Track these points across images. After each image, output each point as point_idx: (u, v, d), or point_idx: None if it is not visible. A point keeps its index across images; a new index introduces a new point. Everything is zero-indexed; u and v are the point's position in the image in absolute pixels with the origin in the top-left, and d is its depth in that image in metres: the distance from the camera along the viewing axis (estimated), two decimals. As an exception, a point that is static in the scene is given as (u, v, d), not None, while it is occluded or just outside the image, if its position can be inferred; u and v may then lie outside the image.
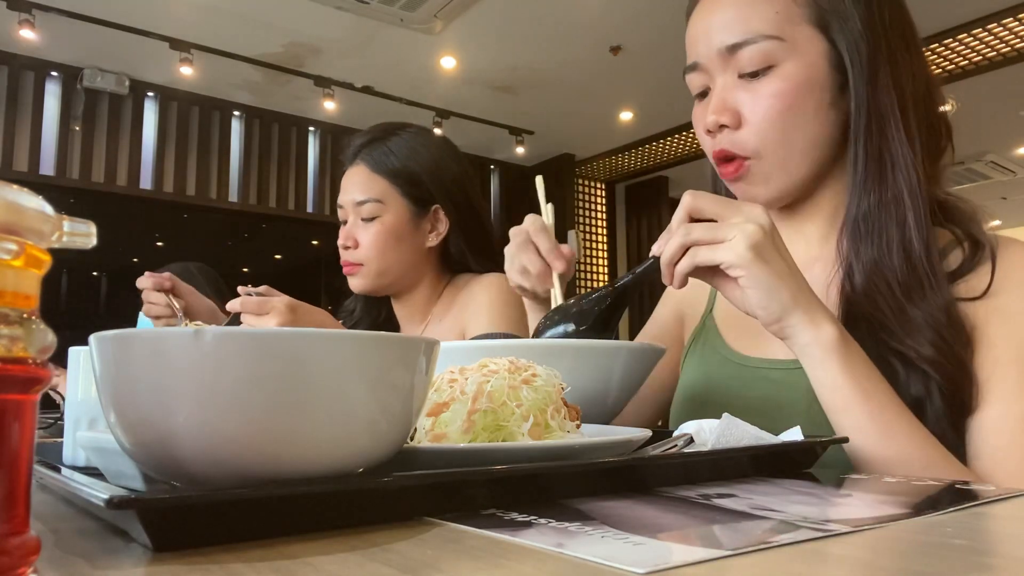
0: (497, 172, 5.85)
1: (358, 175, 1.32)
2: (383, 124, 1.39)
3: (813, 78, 0.75)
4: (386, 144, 1.32)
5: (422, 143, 1.35)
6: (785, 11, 0.75)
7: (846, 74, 0.75)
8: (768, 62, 0.75)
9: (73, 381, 0.59)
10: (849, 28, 0.75)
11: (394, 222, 1.30)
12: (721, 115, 0.77)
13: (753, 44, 0.74)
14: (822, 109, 0.76)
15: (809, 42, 0.75)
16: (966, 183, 5.97)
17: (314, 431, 0.35)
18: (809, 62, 0.75)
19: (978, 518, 0.39)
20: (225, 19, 3.65)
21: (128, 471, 0.44)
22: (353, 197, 1.31)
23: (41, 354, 0.25)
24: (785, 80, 0.74)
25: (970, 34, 3.69)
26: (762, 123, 0.75)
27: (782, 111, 0.75)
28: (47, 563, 0.29)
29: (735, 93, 0.77)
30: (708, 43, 0.78)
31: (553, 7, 3.52)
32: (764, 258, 0.61)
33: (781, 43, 0.74)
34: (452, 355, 0.64)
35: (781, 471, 0.55)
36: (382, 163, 1.31)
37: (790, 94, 0.74)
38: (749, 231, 0.61)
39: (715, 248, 0.62)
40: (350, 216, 1.32)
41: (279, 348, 0.34)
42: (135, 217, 4.40)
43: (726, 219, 0.62)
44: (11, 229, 0.24)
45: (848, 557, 0.30)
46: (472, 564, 0.29)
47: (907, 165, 0.73)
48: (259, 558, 0.30)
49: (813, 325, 0.62)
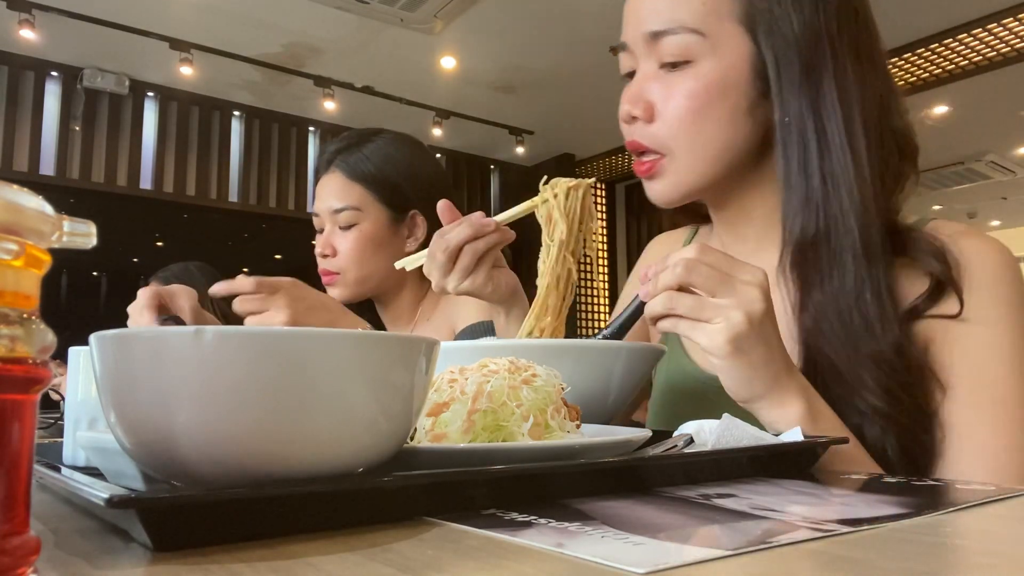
0: (497, 172, 5.85)
1: (334, 182, 1.30)
2: (357, 130, 1.37)
3: (730, 81, 0.71)
4: (361, 150, 1.30)
5: (397, 148, 1.33)
6: (713, 4, 0.71)
7: (768, 81, 0.71)
8: (686, 56, 0.71)
9: (73, 381, 0.59)
10: (780, 33, 0.70)
11: (372, 229, 1.29)
12: (635, 106, 0.75)
13: (674, 35, 0.71)
14: (738, 114, 0.72)
15: (732, 41, 0.71)
16: (966, 183, 5.98)
17: (314, 431, 0.35)
18: (728, 64, 0.71)
19: (978, 518, 0.39)
20: (225, 19, 3.65)
21: (128, 471, 0.44)
22: (330, 205, 1.29)
23: (41, 354, 0.25)
24: (700, 79, 0.71)
25: (970, 34, 3.69)
26: (673, 121, 0.73)
27: (693, 111, 0.72)
28: (47, 563, 0.29)
29: (652, 84, 0.74)
30: (636, 25, 0.75)
31: (553, 7, 3.52)
32: (742, 350, 0.58)
33: (702, 39, 0.71)
34: (452, 355, 0.64)
35: (781, 471, 0.55)
36: (358, 170, 1.29)
37: (703, 95, 0.71)
38: (735, 322, 0.57)
39: (694, 327, 0.59)
40: (327, 224, 1.31)
41: (279, 348, 0.34)
42: (135, 217, 4.40)
43: (718, 296, 0.58)
44: (11, 229, 0.24)
45: (848, 557, 0.30)
46: (472, 564, 0.29)
47: (852, 190, 0.68)
48: (259, 558, 0.30)
49: (779, 407, 0.60)
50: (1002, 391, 0.66)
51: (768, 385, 0.60)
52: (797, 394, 0.61)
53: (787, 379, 0.61)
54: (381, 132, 1.36)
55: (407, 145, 1.35)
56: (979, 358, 0.67)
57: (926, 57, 3.93)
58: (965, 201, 6.55)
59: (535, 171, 5.88)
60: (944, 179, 5.87)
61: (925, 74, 4.13)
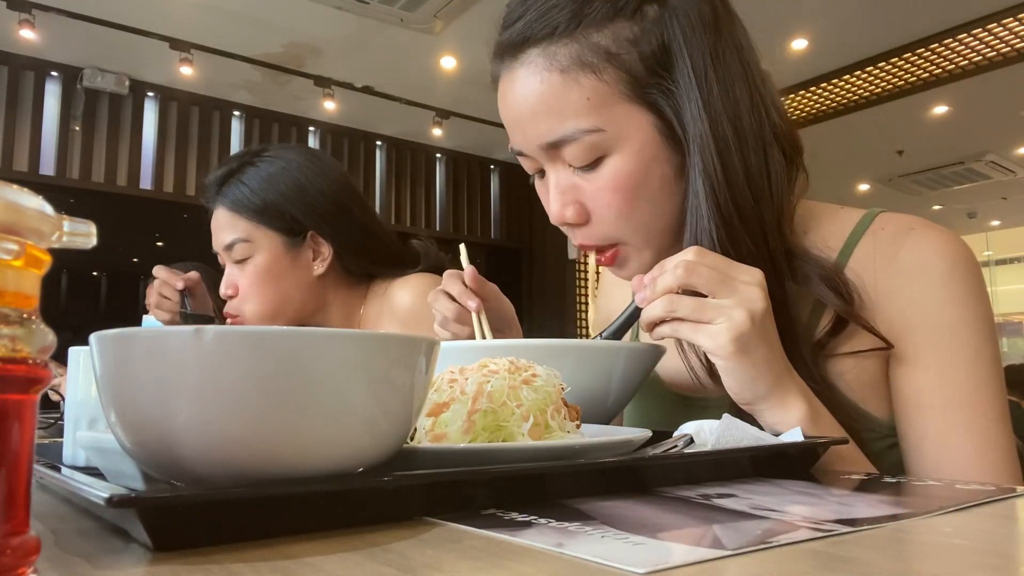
0: (497, 172, 5.85)
1: (219, 219, 1.24)
2: (238, 154, 1.29)
3: (647, 159, 0.67)
4: (240, 179, 1.22)
5: (280, 168, 1.23)
6: (596, 95, 0.66)
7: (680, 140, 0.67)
8: (596, 154, 0.67)
9: (73, 381, 0.59)
10: (671, 91, 0.66)
11: (268, 260, 1.22)
12: (565, 212, 0.71)
13: (573, 141, 0.67)
14: (667, 184, 0.69)
15: (631, 121, 0.67)
16: (966, 183, 5.98)
17: (314, 431, 0.35)
18: (639, 145, 0.67)
19: (978, 518, 0.39)
20: (225, 19, 3.66)
21: (128, 471, 0.44)
22: (221, 241, 1.23)
23: (41, 354, 0.25)
24: (619, 171, 0.67)
25: (970, 34, 3.69)
26: (610, 218, 0.69)
27: (627, 202, 0.68)
28: (47, 563, 0.29)
29: (573, 183, 0.70)
30: (526, 138, 0.71)
31: (553, 7, 3.51)
32: (745, 350, 0.57)
33: (603, 134, 0.66)
34: (452, 355, 0.64)
35: (781, 471, 0.55)
36: (239, 202, 1.22)
37: (629, 184, 0.67)
38: (736, 320, 0.56)
39: (697, 329, 0.58)
40: (226, 261, 1.25)
41: (279, 348, 0.34)
42: (135, 217, 4.40)
43: (718, 297, 0.57)
44: (11, 229, 0.24)
45: (848, 557, 0.30)
46: (472, 564, 0.29)
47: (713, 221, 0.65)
48: (259, 558, 0.30)
49: (781, 408, 0.60)
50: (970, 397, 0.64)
51: (770, 385, 0.59)
52: (798, 395, 0.60)
53: (788, 380, 0.61)
54: (265, 151, 1.27)
55: (295, 162, 1.25)
56: (942, 364, 0.65)
57: (926, 57, 3.93)
58: (965, 201, 6.55)
59: (535, 171, 5.88)
60: (944, 179, 5.87)
61: (925, 74, 4.13)
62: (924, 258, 0.67)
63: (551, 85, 0.67)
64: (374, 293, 1.32)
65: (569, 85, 0.66)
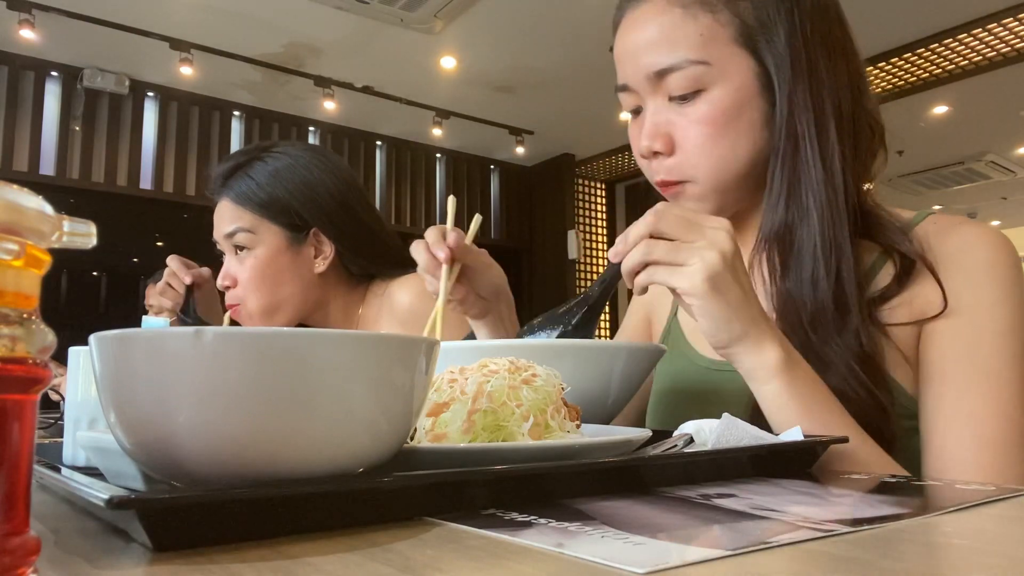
0: (497, 172, 5.85)
1: (223, 210, 1.23)
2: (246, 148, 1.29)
3: (742, 100, 0.73)
4: (248, 173, 1.22)
5: (288, 165, 1.23)
6: (710, 32, 0.73)
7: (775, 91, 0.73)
8: (696, 86, 0.73)
9: (73, 381, 0.59)
10: (775, 45, 0.73)
11: (269, 254, 1.21)
12: (654, 141, 0.76)
13: (680, 70, 0.73)
14: (754, 129, 0.74)
15: (736, 63, 0.73)
16: (966, 183, 5.98)
17: (314, 431, 0.35)
18: (737, 85, 0.73)
19: (978, 518, 0.39)
20: (225, 19, 3.66)
21: (128, 471, 0.44)
22: (222, 230, 1.22)
23: (41, 354, 0.25)
24: (714, 104, 0.73)
25: (970, 34, 3.69)
26: (694, 150, 0.74)
27: (713, 136, 0.73)
28: (47, 563, 0.29)
29: (667, 116, 0.76)
30: (635, 66, 0.76)
31: (553, 7, 3.52)
32: (719, 289, 0.59)
33: (708, 67, 0.73)
34: (452, 355, 0.64)
35: (781, 471, 0.55)
36: (245, 195, 1.21)
37: (720, 119, 0.73)
38: (708, 260, 0.59)
39: (672, 271, 0.60)
40: (226, 252, 1.25)
41: (279, 348, 0.34)
42: (135, 217, 4.40)
43: (688, 241, 0.60)
44: (11, 229, 0.24)
45: (848, 557, 0.30)
46: (472, 564, 0.29)
47: (818, 185, 0.71)
48: (259, 558, 0.30)
49: (757, 352, 0.61)
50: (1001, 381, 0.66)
51: (745, 327, 0.61)
52: (774, 340, 0.62)
53: (764, 323, 0.62)
54: (272, 147, 1.26)
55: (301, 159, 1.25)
56: (971, 338, 0.68)
57: (926, 57, 3.93)
58: (965, 201, 6.55)
59: (535, 171, 5.89)
60: (944, 179, 5.87)
61: (925, 74, 4.13)
62: (968, 245, 0.71)
63: (671, 17, 0.74)
64: (373, 293, 1.32)
65: (687, 20, 0.73)
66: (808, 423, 0.61)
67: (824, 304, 0.69)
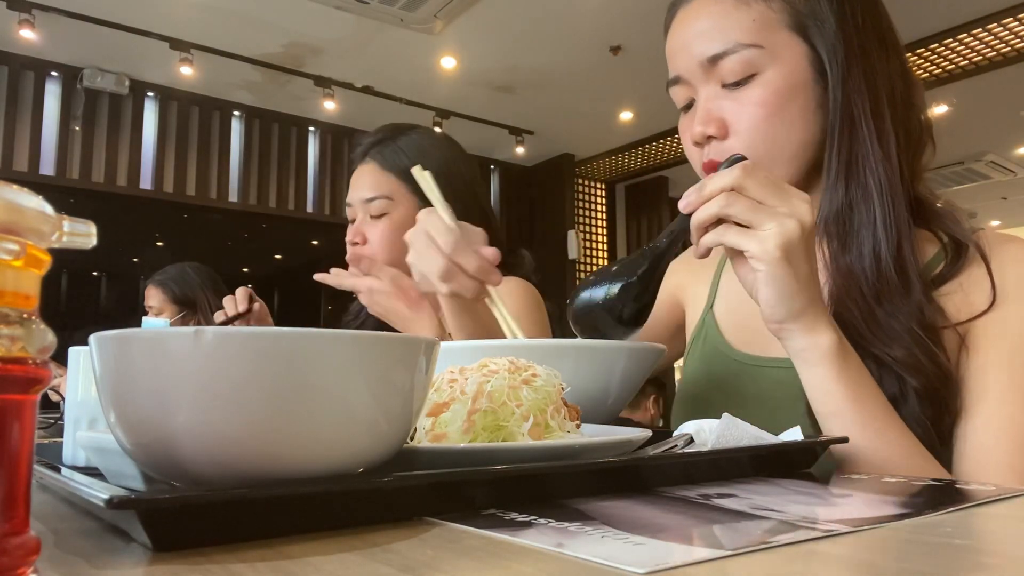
0: (497, 172, 5.84)
1: (368, 173, 1.31)
2: (392, 124, 1.38)
3: (795, 83, 0.75)
4: (396, 143, 1.31)
5: (432, 143, 1.34)
6: (762, 18, 0.75)
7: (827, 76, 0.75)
8: (750, 70, 0.74)
9: (73, 381, 0.59)
10: (826, 30, 0.75)
11: (403, 219, 1.28)
12: (707, 126, 0.76)
13: (733, 54, 0.74)
14: (807, 113, 0.75)
15: (789, 48, 0.75)
16: (966, 183, 5.97)
17: (314, 431, 0.35)
18: (790, 68, 0.75)
19: (978, 518, 0.39)
20: (225, 19, 3.65)
21: (128, 471, 0.44)
22: (362, 195, 1.30)
23: (41, 354, 0.25)
24: (767, 87, 0.74)
25: (970, 34, 3.68)
26: (748, 131, 0.75)
27: (767, 118, 0.74)
28: (47, 563, 0.29)
29: (719, 103, 0.77)
30: (688, 55, 0.78)
31: (553, 7, 3.52)
32: (791, 260, 0.58)
33: (761, 51, 0.74)
34: (452, 355, 0.64)
35: (781, 471, 0.55)
36: (392, 161, 1.30)
37: (773, 101, 0.74)
38: (788, 228, 0.58)
39: (746, 234, 0.59)
40: (359, 214, 1.31)
41: (279, 348, 0.34)
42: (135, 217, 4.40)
43: (770, 206, 0.59)
44: (11, 229, 0.24)
45: (848, 557, 0.30)
46: (472, 564, 0.29)
47: (876, 165, 0.72)
48: (259, 558, 0.30)
49: (811, 332, 0.62)
50: None
51: (805, 305, 0.61)
52: (828, 324, 0.62)
53: (821, 307, 0.62)
54: (417, 127, 1.37)
55: (442, 142, 1.37)
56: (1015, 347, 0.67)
57: (926, 57, 3.93)
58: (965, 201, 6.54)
59: (535, 171, 5.89)
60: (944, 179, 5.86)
61: (925, 74, 4.12)
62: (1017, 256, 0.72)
63: (723, 7, 0.76)
64: None
65: (739, 7, 0.75)
66: (854, 412, 0.61)
67: (888, 276, 0.70)
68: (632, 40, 3.74)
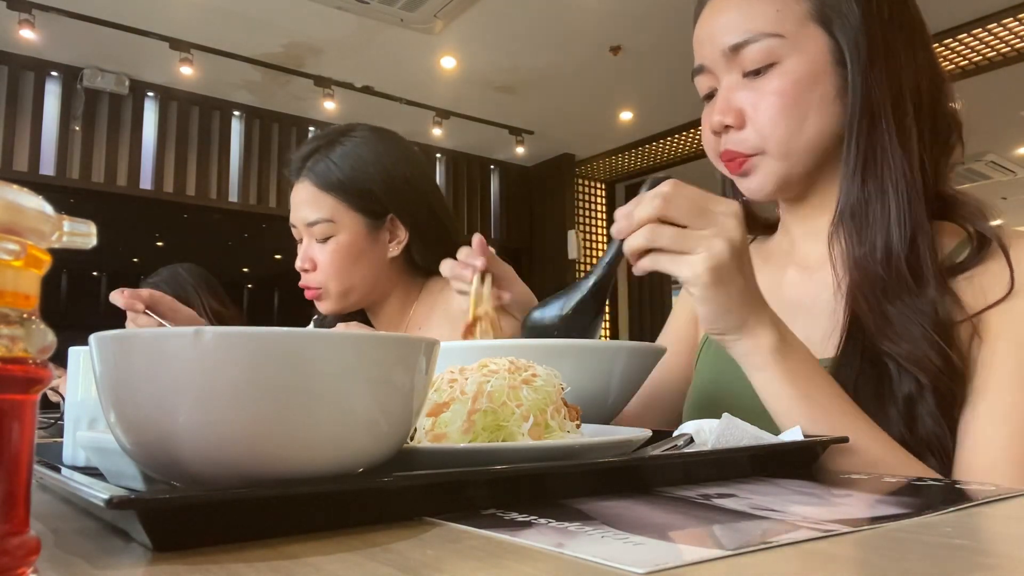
0: (497, 172, 5.84)
1: (304, 192, 1.24)
2: (327, 131, 1.30)
3: (815, 73, 0.75)
4: (329, 156, 1.23)
5: (369, 150, 1.25)
6: (786, 9, 0.75)
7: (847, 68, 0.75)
8: (770, 59, 0.75)
9: (73, 381, 0.59)
10: (849, 23, 0.75)
11: (349, 239, 1.22)
12: (726, 115, 0.77)
13: (755, 43, 0.75)
14: (826, 103, 0.75)
15: (810, 38, 0.75)
16: (966, 183, 5.97)
17: (314, 431, 0.35)
18: (811, 58, 0.75)
19: (978, 518, 0.39)
20: (225, 19, 3.65)
21: (128, 471, 0.44)
22: (303, 217, 1.23)
23: (41, 354, 0.25)
24: (787, 76, 0.75)
25: (970, 34, 3.69)
26: (765, 120, 0.76)
27: (785, 107, 0.75)
28: (47, 563, 0.29)
29: (739, 92, 0.77)
30: (712, 45, 0.79)
31: (553, 7, 3.52)
32: (722, 280, 0.59)
33: (782, 40, 0.75)
34: (452, 355, 0.64)
35: (781, 471, 0.55)
36: (326, 179, 1.22)
37: (792, 90, 0.75)
38: (715, 251, 0.58)
39: (676, 260, 0.60)
40: (304, 236, 1.25)
41: (279, 348, 0.34)
42: (135, 217, 4.40)
43: (696, 228, 0.59)
44: (11, 229, 0.24)
45: (848, 557, 0.30)
46: (472, 564, 0.29)
47: (896, 160, 0.73)
48: (259, 558, 0.30)
49: (752, 337, 0.63)
50: None
51: (743, 317, 0.62)
52: (769, 326, 0.63)
53: (761, 312, 0.63)
54: (353, 131, 1.27)
55: (382, 144, 1.27)
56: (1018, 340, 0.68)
57: (926, 57, 3.93)
58: (965, 201, 6.55)
59: (535, 171, 5.89)
60: (944, 179, 5.86)
61: (925, 74, 4.12)
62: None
63: None
64: (428, 290, 1.33)
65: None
66: (803, 409, 0.62)
67: (899, 272, 0.70)
68: (632, 40, 3.75)
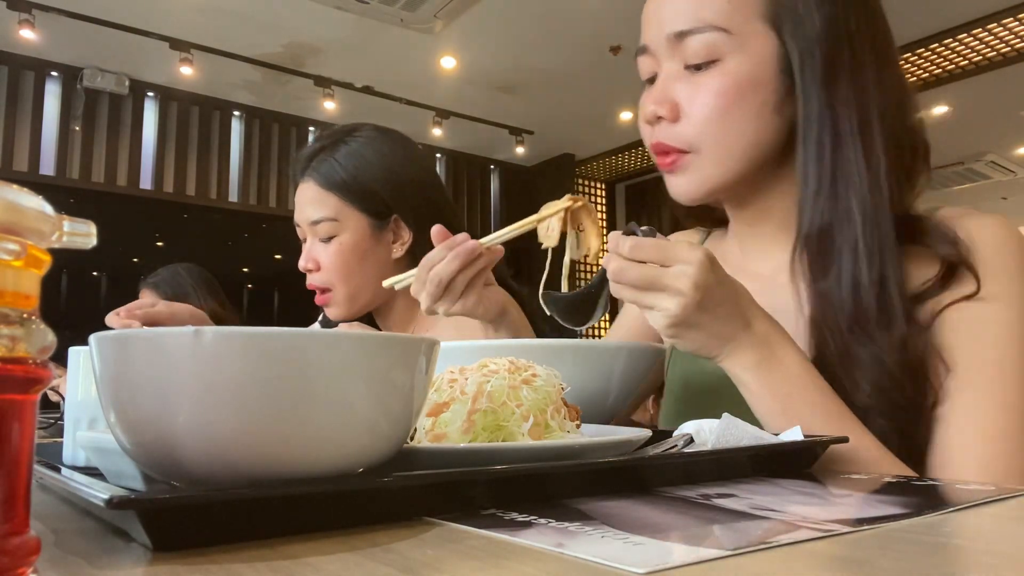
0: (497, 172, 5.84)
1: (308, 192, 1.23)
2: (332, 131, 1.29)
3: (757, 77, 0.71)
4: (334, 156, 1.22)
5: (374, 150, 1.24)
6: (738, 2, 0.72)
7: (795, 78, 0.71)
8: (713, 55, 0.71)
9: (73, 381, 0.59)
10: (804, 30, 0.71)
11: (353, 240, 1.21)
12: (660, 106, 0.74)
13: (700, 34, 0.72)
14: (765, 111, 0.72)
15: (758, 39, 0.72)
16: (966, 183, 5.98)
17: (314, 431, 0.35)
18: (755, 61, 0.71)
19: (978, 518, 0.39)
20: (225, 19, 3.65)
21: (128, 471, 0.44)
22: (307, 216, 1.22)
23: (41, 354, 0.25)
24: (727, 76, 0.71)
25: (970, 34, 3.69)
26: (700, 118, 0.73)
27: (721, 108, 0.72)
28: (47, 563, 0.29)
29: (677, 84, 0.74)
30: (659, 27, 0.75)
31: (553, 7, 3.51)
32: (688, 329, 0.62)
33: (728, 36, 0.71)
34: (452, 355, 0.64)
35: (781, 471, 0.55)
36: (331, 178, 1.21)
37: (731, 92, 0.71)
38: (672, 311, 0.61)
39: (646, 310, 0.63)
40: (308, 235, 1.25)
41: (279, 348, 0.34)
42: (135, 217, 4.40)
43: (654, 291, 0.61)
44: (11, 229, 0.24)
45: (848, 557, 0.30)
46: (472, 564, 0.29)
47: (861, 184, 0.69)
48: (259, 558, 0.30)
49: (729, 358, 0.64)
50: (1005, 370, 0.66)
51: (721, 345, 0.64)
52: (748, 348, 0.64)
53: (741, 334, 0.64)
54: (357, 131, 1.27)
55: (387, 144, 1.26)
56: (981, 335, 0.67)
57: (926, 57, 3.93)
58: (965, 201, 6.55)
59: (535, 171, 5.88)
60: (944, 179, 5.87)
61: (925, 74, 4.13)
62: (975, 235, 0.70)
63: None
64: None
65: None
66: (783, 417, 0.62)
67: (867, 308, 0.67)
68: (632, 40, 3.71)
